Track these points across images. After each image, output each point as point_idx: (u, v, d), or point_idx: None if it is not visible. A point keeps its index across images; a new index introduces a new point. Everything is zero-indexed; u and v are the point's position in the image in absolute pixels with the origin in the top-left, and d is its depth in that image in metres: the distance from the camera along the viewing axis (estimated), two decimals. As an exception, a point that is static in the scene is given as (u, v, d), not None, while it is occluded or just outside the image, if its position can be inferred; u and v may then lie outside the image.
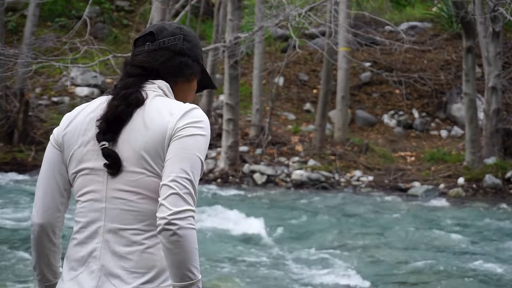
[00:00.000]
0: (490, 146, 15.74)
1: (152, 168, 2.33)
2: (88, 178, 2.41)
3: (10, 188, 13.05)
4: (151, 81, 2.44)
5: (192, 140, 2.31)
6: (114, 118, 2.37)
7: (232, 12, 14.95)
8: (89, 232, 2.41)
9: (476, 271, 8.80)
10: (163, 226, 2.21)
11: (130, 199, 2.35)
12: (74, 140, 2.45)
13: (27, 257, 8.51)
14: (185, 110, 2.36)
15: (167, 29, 2.50)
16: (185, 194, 2.25)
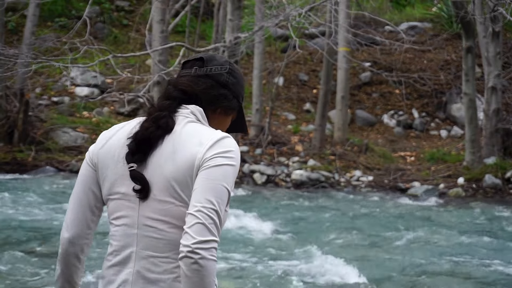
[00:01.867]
0: (490, 146, 15.75)
1: (181, 197, 2.35)
2: (120, 202, 2.44)
3: (10, 188, 13.05)
4: (185, 106, 2.45)
5: (220, 170, 2.30)
6: (143, 139, 2.38)
7: (232, 12, 14.96)
8: (122, 257, 2.44)
9: (476, 271, 8.80)
10: (186, 253, 2.23)
11: (160, 227, 2.37)
12: (108, 161, 2.47)
13: (27, 257, 8.51)
14: (215, 139, 2.36)
15: (217, 60, 2.53)
16: (210, 224, 2.25)
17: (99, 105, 18.19)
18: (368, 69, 19.55)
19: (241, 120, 2.63)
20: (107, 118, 17.72)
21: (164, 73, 14.70)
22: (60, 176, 14.69)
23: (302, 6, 13.19)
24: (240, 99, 2.58)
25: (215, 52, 2.38)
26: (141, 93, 14.39)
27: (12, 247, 8.94)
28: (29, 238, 9.50)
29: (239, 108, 2.59)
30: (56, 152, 16.00)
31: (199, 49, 16.53)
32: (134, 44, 20.76)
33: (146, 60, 19.70)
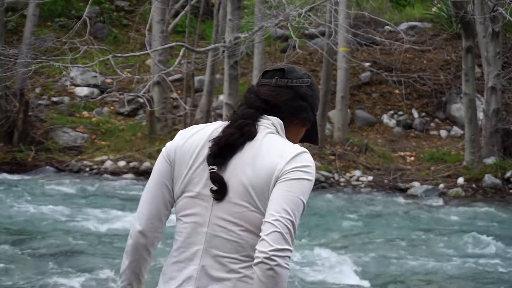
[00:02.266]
0: (489, 146, 15.75)
1: (256, 204, 2.43)
2: (193, 200, 2.51)
3: (10, 188, 13.06)
4: (266, 116, 2.54)
5: (298, 183, 2.39)
6: (226, 145, 2.47)
7: (232, 12, 14.96)
8: (188, 254, 2.51)
9: (476, 270, 8.81)
10: (262, 259, 2.30)
11: (231, 229, 2.45)
12: (186, 159, 2.54)
13: (27, 257, 8.51)
14: (295, 153, 2.45)
15: (296, 71, 2.62)
16: (287, 234, 2.33)
17: (99, 105, 18.19)
18: (368, 69, 19.56)
19: (314, 131, 2.73)
20: (107, 118, 17.73)
21: (164, 73, 14.70)
22: (60, 176, 14.69)
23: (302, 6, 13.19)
24: (315, 111, 2.66)
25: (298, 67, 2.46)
26: (141, 93, 14.41)
27: (12, 247, 8.95)
28: (29, 238, 9.51)
29: (314, 119, 2.68)
30: (56, 152, 16.00)
31: (199, 49, 16.53)
32: (134, 44, 20.76)
33: (146, 60, 19.70)
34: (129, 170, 15.40)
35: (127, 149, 16.19)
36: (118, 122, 17.64)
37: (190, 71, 17.28)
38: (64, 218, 10.82)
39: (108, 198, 12.79)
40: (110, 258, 8.65)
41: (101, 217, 11.00)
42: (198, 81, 18.48)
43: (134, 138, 16.62)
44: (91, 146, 16.38)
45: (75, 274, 7.97)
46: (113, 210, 11.59)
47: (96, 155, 15.99)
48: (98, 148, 16.33)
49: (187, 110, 15.55)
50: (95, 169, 15.34)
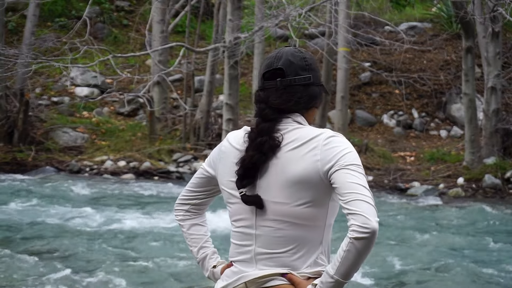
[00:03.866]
0: (489, 146, 15.75)
1: (299, 197, 2.58)
2: (239, 206, 2.69)
3: (10, 188, 13.06)
4: (286, 115, 2.65)
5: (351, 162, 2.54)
6: (250, 166, 2.62)
7: (232, 12, 14.96)
8: (243, 256, 2.71)
9: (475, 271, 8.81)
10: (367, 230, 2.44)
11: (277, 227, 2.62)
12: (227, 167, 2.71)
13: (27, 257, 8.52)
14: (325, 142, 2.57)
15: (294, 63, 2.67)
16: (375, 207, 2.50)
17: (99, 105, 18.19)
18: (368, 69, 19.56)
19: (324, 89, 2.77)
20: (107, 118, 17.73)
21: (164, 73, 14.71)
22: (60, 176, 14.69)
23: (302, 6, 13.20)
24: (321, 81, 2.74)
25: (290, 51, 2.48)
26: (141, 93, 14.42)
27: (12, 247, 8.95)
28: (29, 238, 9.51)
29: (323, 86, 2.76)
30: (56, 152, 16.00)
31: (199, 49, 16.54)
32: (134, 44, 20.77)
33: (146, 60, 19.71)
34: (129, 170, 15.40)
35: (127, 149, 16.19)
36: (118, 122, 17.64)
37: (190, 71, 17.28)
38: (64, 218, 10.82)
39: (108, 198, 12.79)
40: (110, 258, 8.65)
41: (101, 217, 11.00)
42: (198, 81, 18.48)
43: (134, 138, 16.63)
44: (91, 146, 16.38)
45: (75, 274, 7.97)
46: (113, 210, 11.59)
47: (96, 155, 15.99)
48: (98, 148, 16.34)
49: (187, 110, 15.56)
50: (95, 169, 15.35)
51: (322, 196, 2.59)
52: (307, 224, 2.60)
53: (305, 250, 2.62)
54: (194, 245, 2.92)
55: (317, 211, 2.60)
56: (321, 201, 2.60)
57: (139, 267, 8.41)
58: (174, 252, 9.10)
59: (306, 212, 2.59)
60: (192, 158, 15.96)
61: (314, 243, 2.63)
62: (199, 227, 2.95)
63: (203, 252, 2.92)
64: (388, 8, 23.33)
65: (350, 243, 2.45)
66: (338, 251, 2.49)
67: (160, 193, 13.53)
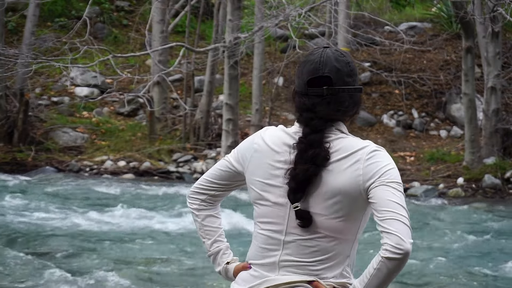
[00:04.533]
0: (489, 146, 15.75)
1: (336, 210, 2.53)
2: (269, 209, 2.61)
3: (10, 188, 13.06)
4: (329, 125, 2.58)
5: (393, 180, 2.58)
6: (304, 180, 2.53)
7: (232, 12, 14.96)
8: (267, 260, 2.63)
9: (475, 271, 8.81)
10: (402, 254, 2.44)
11: (309, 237, 2.56)
12: (256, 169, 2.64)
13: (27, 257, 8.52)
14: (369, 156, 2.54)
15: (340, 70, 2.64)
16: (410, 227, 2.48)
17: (99, 105, 18.19)
18: (367, 69, 19.56)
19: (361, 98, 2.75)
20: (107, 118, 17.73)
21: (164, 73, 14.71)
22: (60, 176, 14.69)
23: (302, 6, 13.20)
24: (360, 87, 2.70)
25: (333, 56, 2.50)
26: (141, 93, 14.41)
27: (12, 247, 8.95)
28: (29, 238, 9.51)
29: None
30: (56, 152, 16.00)
31: (199, 49, 16.54)
32: (134, 44, 20.77)
33: (146, 60, 19.71)
34: (129, 170, 15.41)
35: (127, 149, 16.20)
36: (118, 122, 17.64)
37: (190, 71, 17.28)
38: (64, 218, 10.82)
39: (108, 198, 12.80)
40: (110, 258, 8.66)
41: (101, 217, 11.00)
42: (198, 81, 18.48)
43: (134, 138, 16.63)
44: (91, 146, 16.38)
45: (75, 274, 7.97)
46: (113, 210, 11.59)
47: (96, 155, 15.99)
48: (98, 148, 16.34)
49: (187, 110, 15.56)
50: (95, 169, 15.35)
51: (358, 211, 2.58)
52: (339, 237, 2.57)
53: (333, 262, 2.58)
54: (208, 237, 2.83)
55: (350, 225, 2.59)
56: (356, 216, 2.58)
57: (139, 267, 8.41)
58: (174, 252, 9.10)
59: (340, 226, 2.56)
60: (192, 158, 15.97)
61: (343, 256, 2.60)
62: (214, 218, 2.83)
63: (217, 246, 2.84)
64: (388, 8, 23.32)
65: (382, 262, 2.46)
66: (368, 267, 2.49)
67: (160, 193, 13.53)
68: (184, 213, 11.54)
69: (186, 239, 9.82)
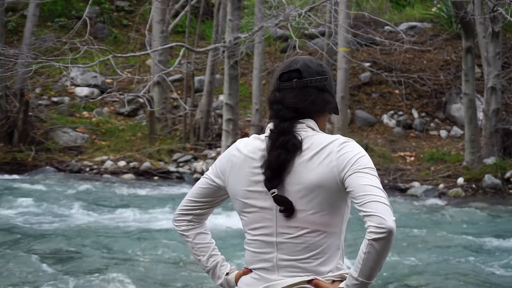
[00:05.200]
0: (489, 146, 15.75)
1: (317, 204, 2.61)
2: (257, 215, 2.69)
3: (10, 188, 13.06)
4: (299, 121, 2.67)
5: (364, 166, 2.58)
6: (277, 166, 2.61)
7: (232, 12, 14.96)
8: (265, 264, 2.70)
9: (475, 271, 8.81)
10: (386, 233, 2.47)
11: (298, 234, 2.64)
12: (241, 177, 2.71)
13: (27, 257, 8.52)
14: (339, 148, 2.61)
15: (311, 67, 2.71)
16: (390, 207, 2.53)
17: (99, 105, 18.20)
18: (367, 69, 19.57)
19: (336, 104, 2.81)
20: (107, 118, 17.73)
21: (164, 73, 14.72)
22: (60, 176, 14.70)
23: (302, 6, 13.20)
24: (335, 93, 2.80)
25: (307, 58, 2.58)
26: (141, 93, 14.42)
27: (12, 247, 8.96)
28: (29, 238, 9.51)
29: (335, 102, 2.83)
30: (56, 152, 16.01)
31: (199, 49, 16.54)
32: (134, 44, 20.77)
33: (146, 60, 19.71)
34: (129, 170, 15.41)
35: (127, 149, 16.20)
36: (118, 122, 17.64)
37: (190, 71, 17.29)
38: (64, 218, 10.83)
39: (108, 198, 12.80)
40: (110, 258, 8.66)
41: (101, 217, 11.01)
42: (198, 81, 18.48)
43: (134, 138, 16.63)
44: (91, 146, 16.39)
45: (75, 274, 7.98)
46: (113, 210, 11.60)
47: (96, 155, 16.00)
48: (98, 148, 16.34)
49: (187, 110, 15.56)
50: (95, 169, 15.35)
51: (339, 203, 2.64)
52: (326, 230, 2.64)
53: (326, 256, 2.65)
54: (202, 254, 2.91)
55: (334, 217, 2.65)
56: (338, 208, 2.65)
57: (139, 267, 8.41)
58: (174, 252, 9.10)
59: (325, 219, 2.62)
60: (192, 158, 15.97)
61: (334, 249, 2.67)
62: (204, 235, 2.91)
63: (213, 260, 2.91)
64: (388, 8, 23.33)
65: (369, 244, 2.49)
66: (358, 253, 2.54)
67: (160, 193, 13.54)
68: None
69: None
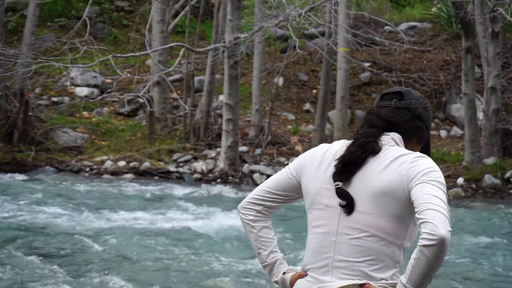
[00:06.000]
0: (489, 146, 15.76)
1: (383, 210, 2.65)
2: (322, 213, 2.76)
3: (10, 188, 13.07)
4: (386, 133, 2.77)
5: (434, 179, 2.62)
6: (349, 162, 2.69)
7: (232, 12, 14.97)
8: (320, 263, 2.75)
9: (475, 270, 8.82)
10: (438, 240, 2.48)
11: (357, 236, 2.68)
12: (313, 175, 2.79)
13: (27, 257, 8.52)
14: (414, 159, 2.66)
15: (413, 94, 2.86)
16: (449, 217, 2.58)
17: (99, 105, 18.20)
18: (367, 69, 19.57)
19: (428, 147, 2.91)
20: (107, 118, 17.74)
21: (163, 73, 14.72)
22: (60, 176, 14.70)
23: (302, 6, 13.21)
24: (429, 131, 2.91)
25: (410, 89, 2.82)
26: (141, 93, 14.42)
27: (12, 247, 8.96)
28: (29, 238, 9.52)
29: (428, 138, 2.91)
30: (56, 152, 16.01)
31: (199, 49, 16.54)
32: (134, 44, 20.77)
33: (146, 60, 19.71)
34: (129, 170, 15.41)
35: (127, 149, 16.20)
36: (118, 122, 17.64)
37: (190, 71, 17.29)
38: (64, 218, 10.83)
39: (108, 198, 12.80)
40: (110, 258, 8.66)
41: (100, 217, 11.01)
42: (198, 81, 18.49)
43: (134, 138, 16.63)
44: (91, 146, 16.39)
45: (75, 274, 7.98)
46: (113, 210, 11.60)
47: (96, 155, 16.00)
48: (98, 148, 16.34)
49: (187, 110, 15.57)
50: (95, 169, 15.35)
51: (404, 214, 2.66)
52: (386, 238, 2.66)
53: (382, 264, 2.67)
54: (264, 248, 2.91)
55: (398, 228, 2.67)
56: (403, 219, 2.67)
57: (139, 267, 8.42)
58: (175, 252, 9.11)
59: (387, 226, 2.65)
60: (192, 158, 15.97)
61: (391, 260, 2.68)
62: (268, 230, 2.93)
63: (273, 256, 2.91)
64: (388, 8, 23.34)
65: (420, 251, 2.49)
66: (409, 260, 2.54)
67: (160, 193, 13.54)
68: (184, 212, 11.56)
69: (186, 238, 9.83)
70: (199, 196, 13.42)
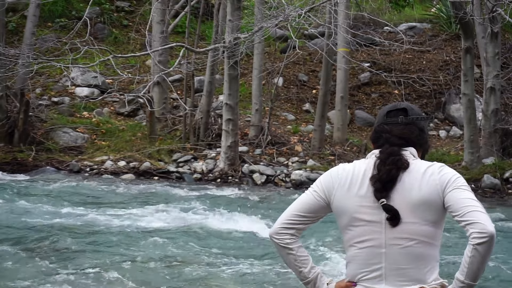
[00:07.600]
0: (488, 146, 15.78)
1: (424, 217, 2.94)
2: (365, 228, 2.98)
3: (11, 188, 13.09)
4: (404, 148, 3.05)
5: (463, 184, 2.94)
6: (388, 180, 2.95)
7: (232, 12, 15.00)
8: (372, 274, 2.98)
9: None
10: (486, 235, 2.79)
11: (407, 244, 2.94)
12: (346, 195, 3.00)
13: (27, 257, 8.55)
14: (440, 169, 2.98)
15: (414, 109, 3.13)
16: (488, 216, 2.86)
17: (99, 105, 18.22)
18: (367, 69, 19.60)
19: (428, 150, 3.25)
20: (107, 119, 17.76)
21: (164, 74, 14.75)
22: (60, 176, 14.72)
23: (302, 7, 13.24)
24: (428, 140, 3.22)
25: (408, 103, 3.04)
26: (141, 93, 14.46)
27: (12, 247, 8.98)
28: (29, 238, 9.54)
29: None
30: (57, 152, 16.03)
31: (199, 49, 16.58)
32: (134, 45, 20.80)
33: (146, 61, 19.75)
34: (129, 170, 15.44)
35: (127, 149, 16.23)
36: (118, 122, 17.67)
37: (190, 71, 17.32)
38: (64, 218, 10.85)
39: (108, 198, 12.83)
40: (110, 258, 8.69)
41: (101, 217, 11.03)
42: (198, 81, 18.52)
43: (134, 138, 16.66)
44: (91, 146, 16.41)
45: (75, 274, 8.00)
46: (113, 210, 11.62)
47: (96, 155, 16.02)
48: (98, 148, 16.37)
49: (187, 110, 15.60)
50: (95, 169, 15.38)
51: (441, 218, 2.96)
52: (430, 242, 2.95)
53: (430, 266, 2.98)
54: (304, 266, 3.09)
55: (437, 231, 2.97)
56: (441, 222, 2.98)
57: (139, 267, 8.44)
58: (175, 252, 9.13)
59: (431, 231, 2.94)
60: (192, 158, 16.00)
61: (435, 260, 3.00)
62: (303, 249, 3.11)
63: (314, 271, 3.09)
64: (387, 8, 23.37)
65: (474, 249, 2.80)
66: (463, 258, 2.85)
67: (160, 193, 13.56)
68: (184, 212, 11.58)
69: (186, 238, 9.86)
70: (199, 196, 13.45)
